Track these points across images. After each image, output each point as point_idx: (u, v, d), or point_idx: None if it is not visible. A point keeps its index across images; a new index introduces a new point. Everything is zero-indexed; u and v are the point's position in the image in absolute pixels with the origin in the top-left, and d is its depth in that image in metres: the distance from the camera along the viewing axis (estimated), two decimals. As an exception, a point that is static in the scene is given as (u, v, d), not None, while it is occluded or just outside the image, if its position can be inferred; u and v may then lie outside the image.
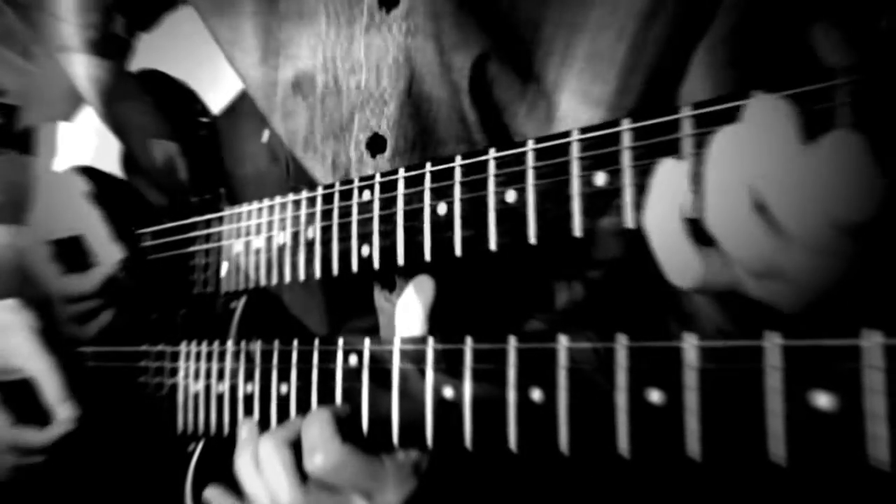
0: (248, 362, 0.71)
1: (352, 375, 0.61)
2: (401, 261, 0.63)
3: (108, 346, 0.90)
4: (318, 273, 0.70)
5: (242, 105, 0.90)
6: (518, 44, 0.70)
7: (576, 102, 0.69)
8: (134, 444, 0.87)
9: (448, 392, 0.53)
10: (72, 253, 0.96)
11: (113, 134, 0.99)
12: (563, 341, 0.47)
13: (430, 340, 0.55)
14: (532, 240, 0.55)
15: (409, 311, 0.61)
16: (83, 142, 1.03)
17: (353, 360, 0.61)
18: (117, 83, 0.99)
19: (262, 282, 0.75)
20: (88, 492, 0.90)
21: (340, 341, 0.62)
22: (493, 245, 0.57)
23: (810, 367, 0.38)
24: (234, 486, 0.72)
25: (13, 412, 0.84)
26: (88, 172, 1.02)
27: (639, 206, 0.49)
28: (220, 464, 0.77)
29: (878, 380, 0.36)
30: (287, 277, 0.72)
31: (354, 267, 0.67)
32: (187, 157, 0.93)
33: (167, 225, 0.90)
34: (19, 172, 1.05)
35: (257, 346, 0.70)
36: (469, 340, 0.53)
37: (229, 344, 0.73)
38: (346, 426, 0.59)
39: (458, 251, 0.59)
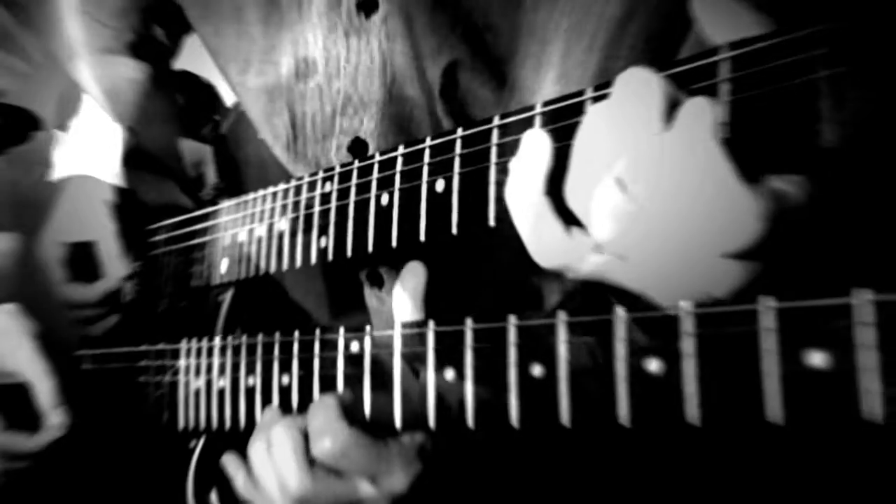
0: (249, 355, 0.71)
1: (354, 362, 0.62)
2: (349, 252, 0.65)
3: (107, 348, 0.91)
4: (298, 263, 0.72)
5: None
6: (492, 51, 0.71)
7: None
8: (135, 444, 0.87)
9: (449, 373, 0.54)
10: (81, 259, 0.97)
11: (127, 131, 0.99)
12: (561, 316, 0.48)
13: (431, 324, 0.56)
14: (454, 230, 0.56)
15: (402, 297, 0.62)
16: (83, 144, 1.03)
17: (354, 347, 0.62)
18: (155, 84, 0.99)
19: (262, 269, 0.76)
20: (83, 495, 0.90)
21: (342, 330, 0.63)
22: (422, 236, 0.58)
23: (803, 328, 0.39)
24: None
25: (4, 416, 0.85)
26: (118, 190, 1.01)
27: None
28: (221, 460, 0.78)
29: (869, 336, 0.37)
30: (285, 265, 0.73)
31: (313, 258, 0.69)
32: (216, 159, 0.94)
33: (177, 219, 0.91)
34: (23, 176, 1.05)
35: (258, 339, 0.71)
36: (469, 321, 0.53)
37: (230, 339, 0.74)
38: (351, 411, 0.60)
39: (393, 242, 0.61)
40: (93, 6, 1.00)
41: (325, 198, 0.68)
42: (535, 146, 0.49)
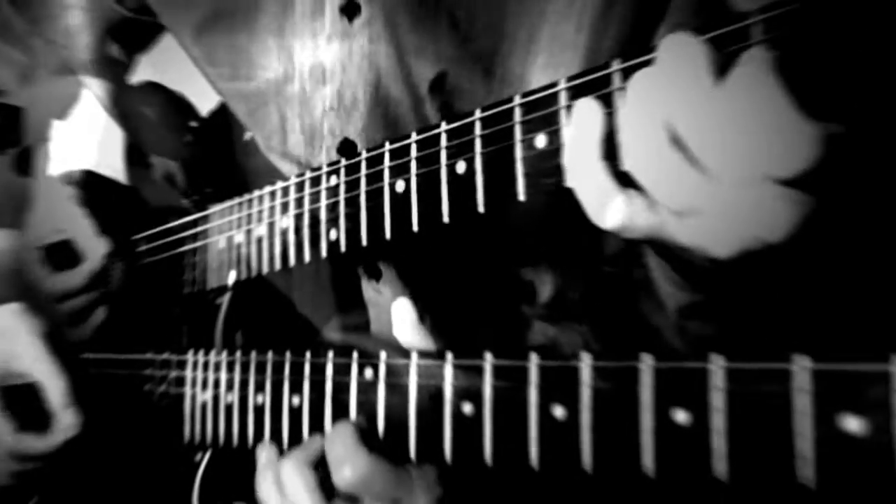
0: (258, 373, 0.70)
1: (367, 388, 0.61)
2: (364, 241, 0.64)
3: (112, 354, 0.90)
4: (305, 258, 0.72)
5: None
6: (478, 43, 0.71)
7: None
8: (140, 453, 0.86)
9: (467, 408, 0.53)
10: (62, 255, 0.96)
11: (122, 127, 0.99)
12: (586, 359, 0.47)
13: (449, 356, 0.55)
14: (481, 208, 0.56)
15: (405, 334, 0.61)
16: (82, 140, 1.02)
17: (368, 373, 0.61)
18: (118, 99, 0.99)
19: (265, 269, 0.76)
20: (93, 499, 0.89)
21: (355, 354, 0.62)
22: (445, 217, 0.58)
23: (839, 391, 0.38)
24: (246, 499, 0.71)
25: (15, 417, 0.84)
26: (86, 177, 1.01)
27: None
28: (227, 474, 0.77)
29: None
30: (293, 260, 0.73)
31: (324, 252, 0.68)
32: (186, 171, 0.93)
33: (157, 229, 0.90)
34: (16, 175, 1.04)
35: (268, 357, 0.70)
36: (489, 356, 0.53)
37: (238, 354, 0.73)
38: (369, 438, 0.59)
39: (414, 227, 0.61)
40: (47, 28, 0.99)
41: (332, 191, 0.68)
42: (588, 114, 0.49)
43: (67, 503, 0.92)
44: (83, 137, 1.02)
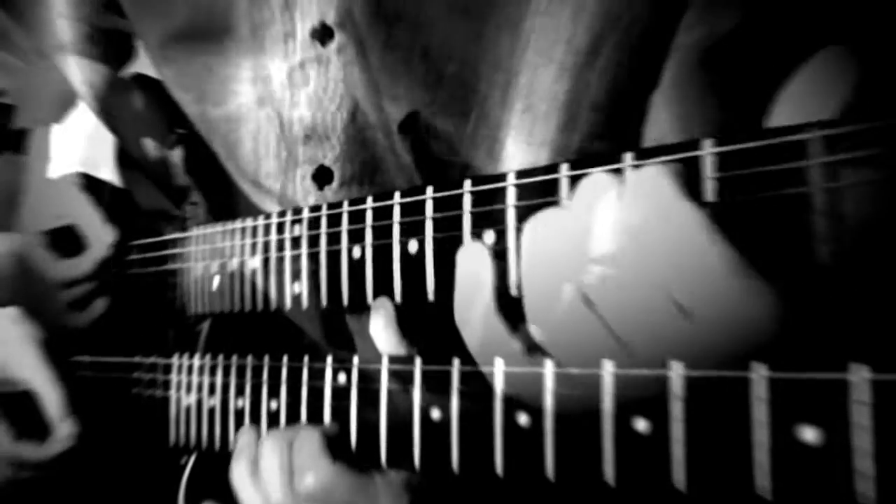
0: (238, 377, 0.70)
1: (340, 394, 0.61)
2: (324, 302, 0.62)
3: (102, 357, 0.90)
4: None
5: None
6: (453, 83, 0.68)
7: (520, 143, 0.68)
8: (128, 456, 0.87)
9: (435, 414, 0.53)
10: (66, 240, 0.96)
11: (109, 130, 0.98)
12: (549, 366, 0.47)
13: (418, 361, 0.55)
14: (430, 296, 0.54)
15: (379, 334, 0.60)
16: (76, 144, 1.02)
17: (341, 378, 0.61)
18: (111, 84, 0.98)
19: (238, 307, 0.75)
20: (88, 489, 0.90)
21: (329, 359, 0.62)
22: (398, 296, 0.56)
23: (797, 401, 0.37)
24: (227, 500, 0.71)
25: (12, 425, 0.84)
26: (81, 179, 1.01)
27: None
28: (212, 477, 0.77)
29: (865, 415, 0.35)
30: (259, 306, 0.72)
31: (288, 304, 0.67)
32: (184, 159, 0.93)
33: (149, 240, 0.90)
34: (14, 175, 1.05)
35: (248, 361, 0.70)
36: (456, 362, 0.52)
37: (220, 358, 0.73)
38: (335, 445, 0.59)
39: (369, 298, 0.59)
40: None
41: (296, 242, 0.66)
42: (474, 261, 0.48)
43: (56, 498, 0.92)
44: (77, 140, 1.02)
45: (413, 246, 0.55)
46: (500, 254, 0.49)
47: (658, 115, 0.63)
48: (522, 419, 0.48)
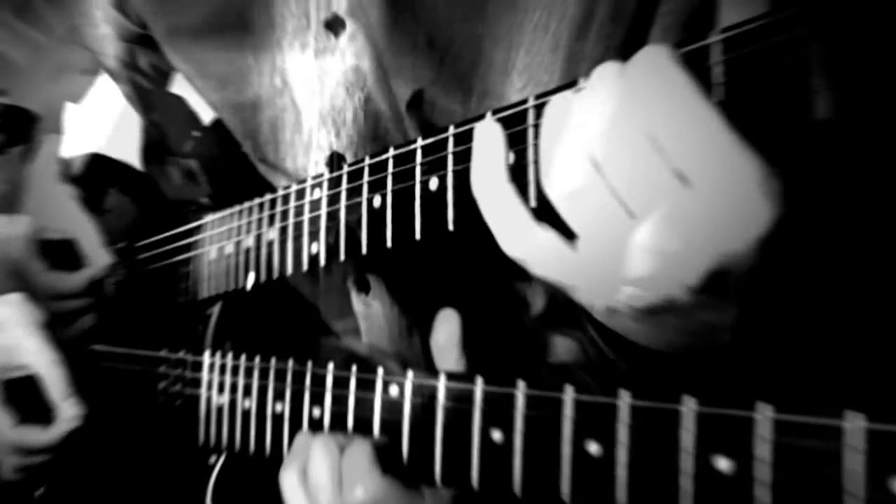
0: (277, 381, 0.70)
1: (392, 406, 0.60)
2: (342, 256, 0.65)
3: (125, 348, 0.89)
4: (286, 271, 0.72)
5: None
6: (457, 62, 0.70)
7: None
8: (150, 451, 0.86)
9: (496, 435, 0.53)
10: (63, 253, 0.95)
11: (149, 122, 0.98)
12: (625, 397, 0.47)
13: (479, 381, 0.54)
14: (450, 226, 0.56)
15: (440, 347, 0.60)
16: (96, 124, 1.01)
17: (393, 391, 0.60)
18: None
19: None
20: (103, 495, 0.89)
21: (380, 370, 0.61)
22: (417, 234, 0.59)
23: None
24: (257, 502, 0.71)
25: (16, 410, 0.83)
26: (99, 160, 1.00)
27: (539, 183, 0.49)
28: (242, 479, 0.77)
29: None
30: (276, 273, 0.73)
31: (305, 265, 0.69)
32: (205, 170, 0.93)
33: (158, 237, 0.90)
34: (17, 165, 1.03)
35: (289, 366, 0.69)
36: (522, 385, 0.52)
37: (257, 360, 0.72)
38: (385, 459, 0.59)
39: (388, 243, 0.61)
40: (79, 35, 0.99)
41: (315, 205, 0.68)
42: (489, 135, 0.50)
43: (74, 494, 0.91)
44: (97, 121, 1.01)
45: (434, 183, 0.57)
46: (520, 169, 0.51)
47: None
48: (593, 448, 0.48)
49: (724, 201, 0.39)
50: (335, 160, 0.75)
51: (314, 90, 0.77)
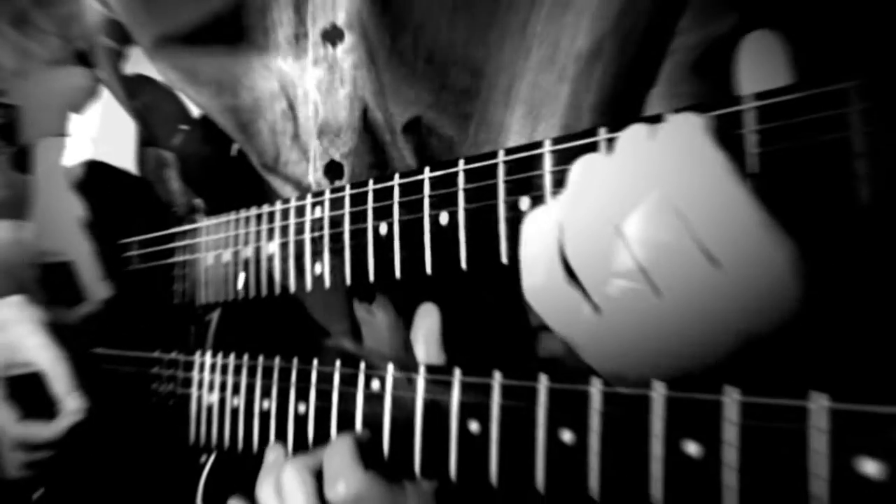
0: (264, 378, 0.70)
1: (374, 400, 0.60)
2: (348, 280, 0.64)
3: (119, 350, 0.90)
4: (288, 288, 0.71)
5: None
6: (456, 87, 0.70)
7: None
8: (144, 451, 0.86)
9: (474, 426, 0.53)
10: (60, 279, 0.96)
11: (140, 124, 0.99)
12: (597, 384, 0.47)
13: (457, 373, 0.54)
14: (463, 265, 0.55)
15: (420, 341, 0.60)
16: (96, 133, 1.02)
17: (374, 385, 0.60)
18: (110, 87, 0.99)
19: (251, 294, 0.75)
20: (99, 495, 0.89)
21: (363, 365, 0.62)
22: (428, 269, 0.57)
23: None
24: (247, 500, 0.71)
25: (20, 407, 0.84)
26: (98, 168, 1.01)
27: None
28: (232, 477, 0.77)
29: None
30: (277, 289, 0.72)
31: (308, 285, 0.68)
32: (180, 166, 0.93)
33: (149, 236, 0.90)
34: (20, 192, 1.04)
35: (275, 363, 0.69)
36: (498, 375, 0.52)
37: (245, 358, 0.73)
38: (367, 453, 0.59)
39: (397, 273, 0.60)
40: (41, 17, 0.99)
41: (317, 223, 0.67)
42: (546, 227, 0.47)
43: (73, 494, 0.92)
44: (97, 129, 1.02)
45: (444, 218, 0.56)
46: None
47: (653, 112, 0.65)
48: (566, 436, 0.48)
49: (751, 283, 0.38)
50: (333, 170, 0.76)
51: (312, 98, 0.77)
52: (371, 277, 0.61)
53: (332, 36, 0.74)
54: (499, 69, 0.67)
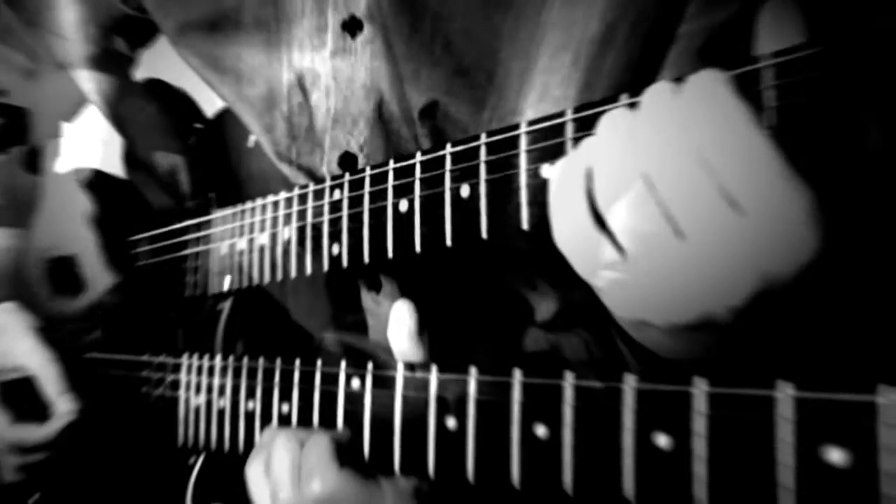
0: (249, 379, 0.70)
1: (354, 399, 0.60)
2: (367, 259, 0.64)
3: (109, 354, 0.90)
4: (309, 270, 0.71)
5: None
6: (472, 72, 0.70)
7: None
8: (135, 454, 0.86)
9: (451, 422, 0.53)
10: (64, 273, 0.96)
11: (119, 134, 0.99)
12: (569, 378, 0.46)
13: (434, 369, 0.54)
14: (484, 234, 0.56)
15: (399, 340, 0.60)
16: (87, 141, 1.03)
17: (355, 383, 0.60)
18: (122, 94, 1.00)
19: (266, 279, 0.75)
20: (91, 498, 0.90)
21: (343, 364, 0.62)
22: (448, 241, 0.58)
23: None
24: (235, 501, 0.71)
25: (12, 411, 0.84)
26: (95, 176, 1.01)
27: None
28: (220, 478, 0.77)
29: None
30: (293, 272, 0.72)
31: (326, 266, 0.68)
32: (190, 168, 0.94)
33: (160, 230, 0.90)
34: (21, 174, 1.05)
35: (259, 364, 0.69)
36: (474, 371, 0.52)
37: (230, 360, 0.73)
38: (344, 452, 0.59)
39: (417, 248, 0.60)
40: (48, 19, 0.99)
41: (335, 206, 0.68)
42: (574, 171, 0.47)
43: (67, 499, 0.92)
44: (88, 139, 1.02)
45: (465, 190, 0.57)
46: None
47: None
48: (540, 431, 0.47)
49: (773, 227, 0.39)
50: (347, 161, 0.76)
51: (328, 89, 0.77)
52: (390, 254, 0.62)
53: (352, 27, 0.74)
54: (513, 55, 0.68)
